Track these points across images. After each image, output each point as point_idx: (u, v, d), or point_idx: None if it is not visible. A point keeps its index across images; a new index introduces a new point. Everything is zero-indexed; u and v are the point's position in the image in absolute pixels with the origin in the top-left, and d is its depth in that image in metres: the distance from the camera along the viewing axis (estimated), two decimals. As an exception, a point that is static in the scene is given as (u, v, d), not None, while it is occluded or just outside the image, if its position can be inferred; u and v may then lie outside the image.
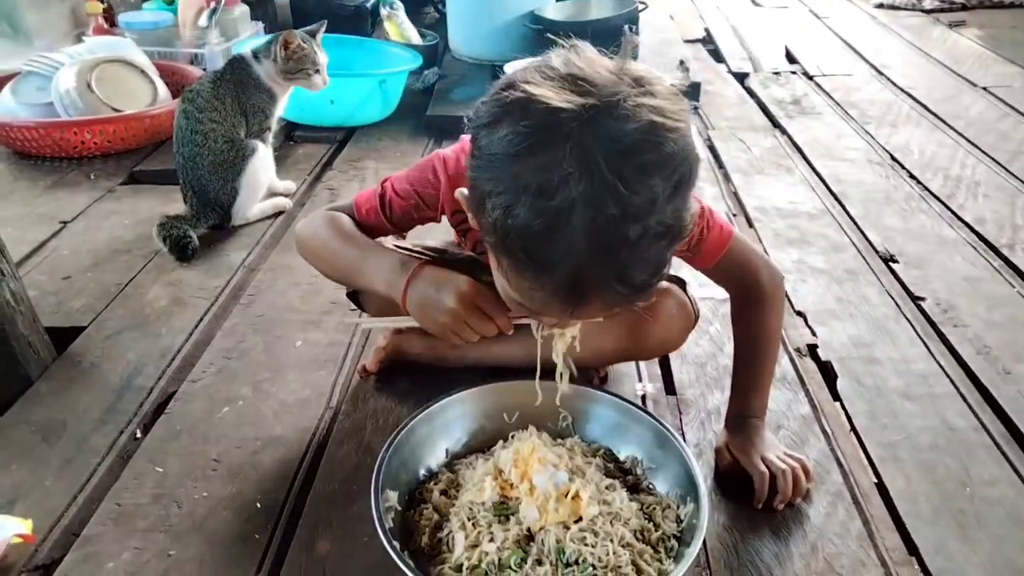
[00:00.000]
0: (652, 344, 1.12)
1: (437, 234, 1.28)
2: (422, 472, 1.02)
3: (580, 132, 0.68)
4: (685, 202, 0.73)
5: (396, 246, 1.18)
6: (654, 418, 1.03)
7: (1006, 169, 2.07)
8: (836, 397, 1.23)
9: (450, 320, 0.89)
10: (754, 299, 1.05)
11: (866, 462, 1.09)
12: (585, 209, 0.68)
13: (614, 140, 0.68)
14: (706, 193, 1.96)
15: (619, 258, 0.71)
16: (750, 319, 1.07)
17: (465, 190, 0.82)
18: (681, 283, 1.12)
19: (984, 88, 2.70)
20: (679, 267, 1.16)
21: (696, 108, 2.54)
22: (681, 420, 1.16)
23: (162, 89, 2.21)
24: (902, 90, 2.71)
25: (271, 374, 1.24)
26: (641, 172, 0.68)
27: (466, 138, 1.01)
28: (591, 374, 1.20)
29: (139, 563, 0.91)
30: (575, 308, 0.76)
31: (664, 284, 1.10)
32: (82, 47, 2.21)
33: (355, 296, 1.19)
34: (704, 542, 0.95)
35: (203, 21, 2.51)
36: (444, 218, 1.04)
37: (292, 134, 2.29)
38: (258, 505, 0.99)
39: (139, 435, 1.12)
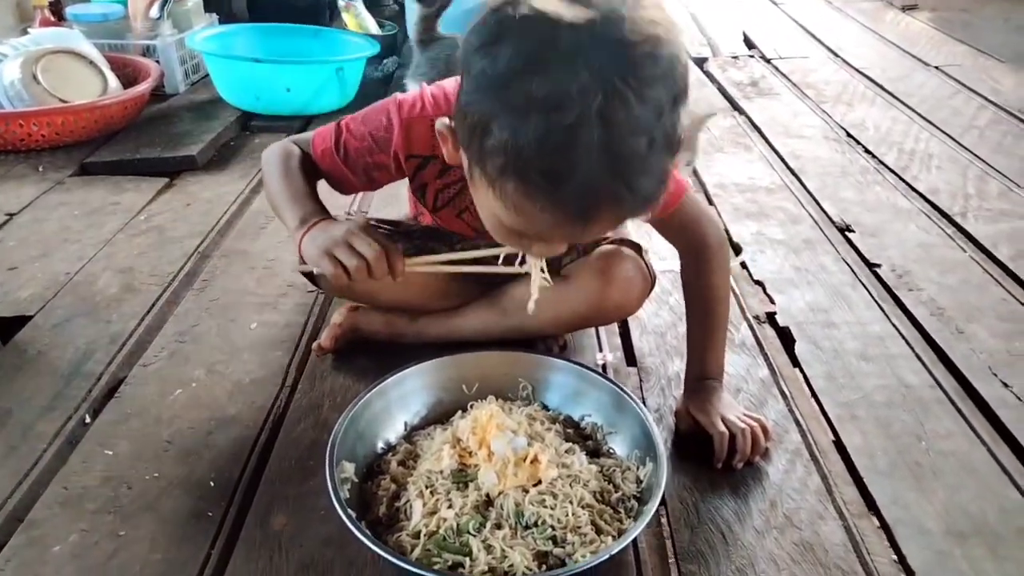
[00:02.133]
0: (609, 309, 1.11)
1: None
2: (380, 446, 1.00)
3: (588, 46, 0.67)
4: (679, 116, 0.73)
5: (348, 216, 1.17)
6: (612, 382, 1.03)
7: (958, 142, 2.11)
8: (795, 362, 1.24)
9: (335, 244, 0.89)
10: (703, 257, 1.06)
11: (824, 421, 1.10)
12: (598, 122, 0.67)
13: (621, 54, 0.68)
14: (665, 171, 1.97)
15: (631, 169, 0.70)
16: (701, 279, 1.07)
17: (447, 120, 0.81)
18: (637, 248, 1.11)
19: (936, 67, 2.75)
20: (635, 230, 1.17)
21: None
22: (642, 387, 1.16)
23: (112, 80, 2.16)
24: (857, 71, 2.75)
25: (226, 356, 1.21)
26: (647, 85, 0.68)
27: (426, 88, 1.00)
28: (550, 343, 1.19)
29: (87, 544, 0.88)
30: (585, 224, 0.74)
31: (620, 249, 1.10)
32: (27, 39, 2.14)
33: (311, 274, 1.17)
34: (665, 502, 0.95)
35: (154, 12, 2.45)
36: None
37: (248, 124, 2.25)
38: (212, 484, 0.97)
39: (88, 420, 1.08)
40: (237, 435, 1.05)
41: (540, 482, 0.89)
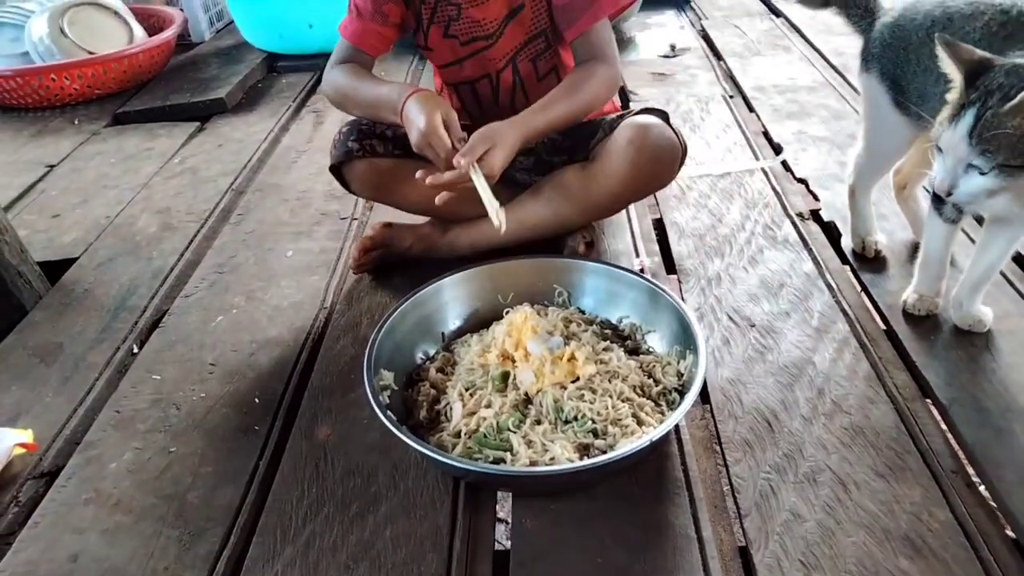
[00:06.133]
0: (643, 180, 1.09)
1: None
2: (418, 356, 1.01)
3: None
4: None
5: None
6: (647, 280, 1.00)
7: (1015, 26, 1.97)
8: (844, 260, 1.19)
9: (418, 137, 1.00)
10: (594, 67, 1.09)
11: (874, 311, 1.06)
12: None
13: None
14: (700, 78, 1.90)
15: None
16: (581, 74, 1.08)
17: None
18: (664, 116, 1.08)
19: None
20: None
21: (688, 1, 2.46)
22: (681, 288, 1.14)
23: (138, 30, 2.16)
24: (903, -38, 2.59)
25: (264, 283, 1.23)
26: None
27: None
28: (577, 241, 1.17)
29: (140, 461, 0.91)
30: None
31: (648, 117, 1.07)
32: (52, -6, 2.16)
33: (339, 173, 1.19)
34: (708, 396, 0.93)
35: (174, -40, 2.44)
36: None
37: (275, 65, 2.24)
38: (256, 400, 0.99)
39: (136, 350, 1.11)
40: (279, 355, 1.07)
41: (578, 379, 0.89)
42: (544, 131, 1.06)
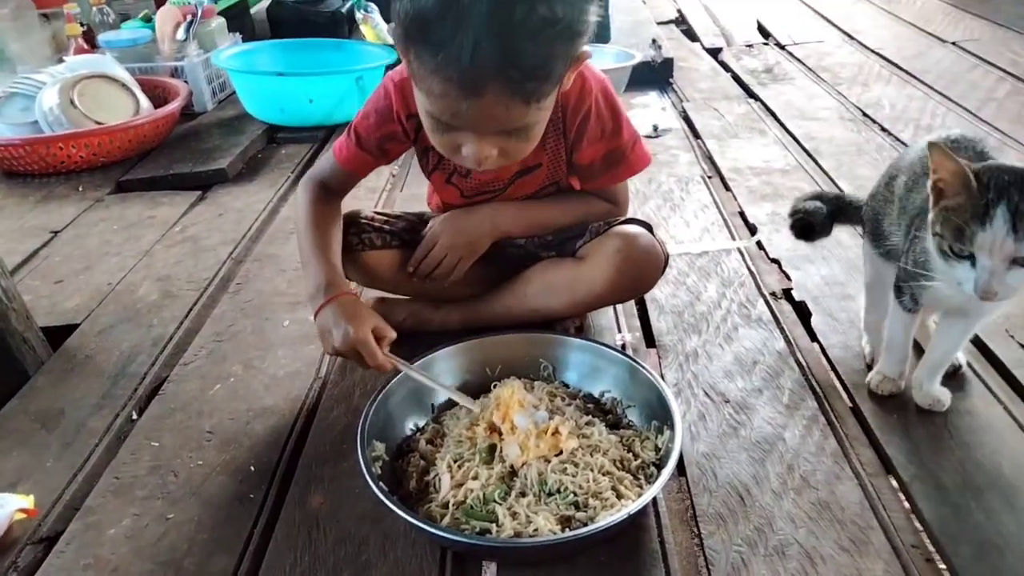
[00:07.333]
0: (626, 286, 1.15)
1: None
2: (409, 427, 1.05)
3: None
4: (584, 7, 0.85)
5: (376, 213, 1.23)
6: (628, 357, 1.06)
7: (976, 116, 2.11)
8: (813, 337, 1.26)
9: (336, 352, 1.03)
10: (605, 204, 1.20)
11: (841, 389, 1.12)
12: None
13: None
14: (681, 159, 2.00)
15: (509, 34, 0.81)
16: (591, 197, 1.20)
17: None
18: (648, 227, 1.15)
19: (953, 43, 2.74)
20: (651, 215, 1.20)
21: (670, 82, 2.59)
22: (660, 364, 1.19)
23: (144, 101, 2.25)
24: (872, 51, 2.75)
25: (261, 352, 1.27)
26: None
27: None
28: (567, 324, 1.23)
29: (138, 528, 0.94)
30: (477, 96, 0.84)
31: (633, 227, 1.14)
32: (63, 66, 2.25)
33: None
34: (684, 469, 0.98)
35: (180, 35, 2.55)
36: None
37: (275, 136, 2.33)
38: (252, 468, 1.02)
39: (135, 417, 1.15)
40: (274, 424, 1.11)
41: (561, 452, 0.93)
42: (514, 215, 1.17)
